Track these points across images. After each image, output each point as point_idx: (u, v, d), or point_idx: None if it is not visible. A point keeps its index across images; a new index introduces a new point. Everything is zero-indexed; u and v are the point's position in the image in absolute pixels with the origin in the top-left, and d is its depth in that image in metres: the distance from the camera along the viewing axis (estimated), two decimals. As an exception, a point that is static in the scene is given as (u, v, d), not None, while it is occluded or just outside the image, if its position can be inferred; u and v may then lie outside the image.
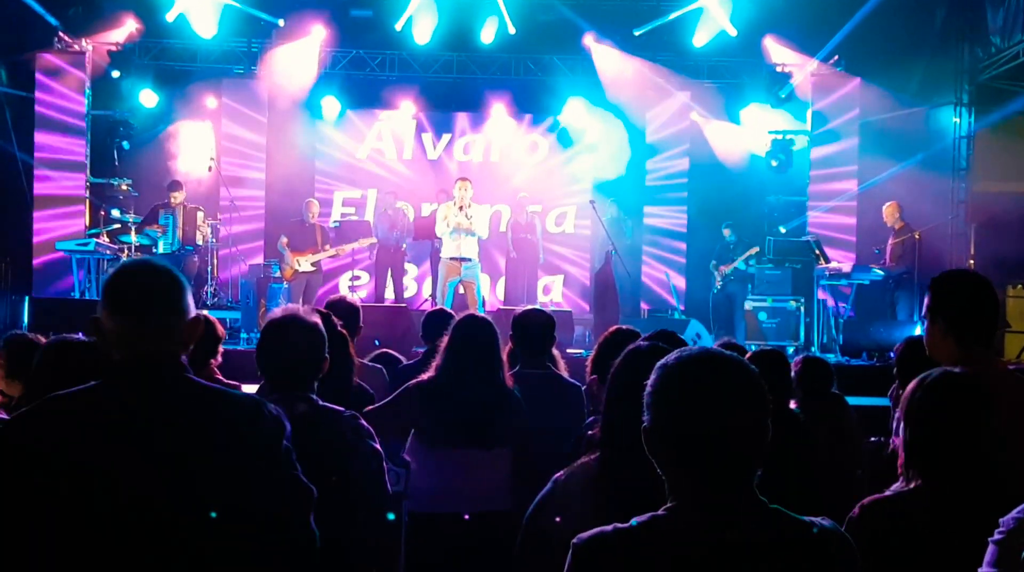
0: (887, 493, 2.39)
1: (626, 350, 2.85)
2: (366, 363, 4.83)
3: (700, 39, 13.31)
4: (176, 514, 1.93)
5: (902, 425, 2.42)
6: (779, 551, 1.66)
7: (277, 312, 3.13)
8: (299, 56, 13.38)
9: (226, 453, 2.03)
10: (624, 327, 4.09)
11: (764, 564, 1.65)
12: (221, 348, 4.40)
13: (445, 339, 3.95)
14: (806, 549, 1.68)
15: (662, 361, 1.74)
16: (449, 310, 5.74)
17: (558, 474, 2.71)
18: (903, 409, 2.42)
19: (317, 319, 3.07)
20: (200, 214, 11.76)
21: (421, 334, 5.35)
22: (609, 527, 1.71)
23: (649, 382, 1.74)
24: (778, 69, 13.15)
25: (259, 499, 2.04)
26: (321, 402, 3.00)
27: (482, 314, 4.11)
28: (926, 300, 3.17)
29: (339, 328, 3.52)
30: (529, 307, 4.70)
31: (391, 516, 3.12)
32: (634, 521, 1.70)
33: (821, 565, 1.69)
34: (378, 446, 3.09)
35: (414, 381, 3.94)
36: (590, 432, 2.82)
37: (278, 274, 11.66)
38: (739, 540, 1.64)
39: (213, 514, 1.96)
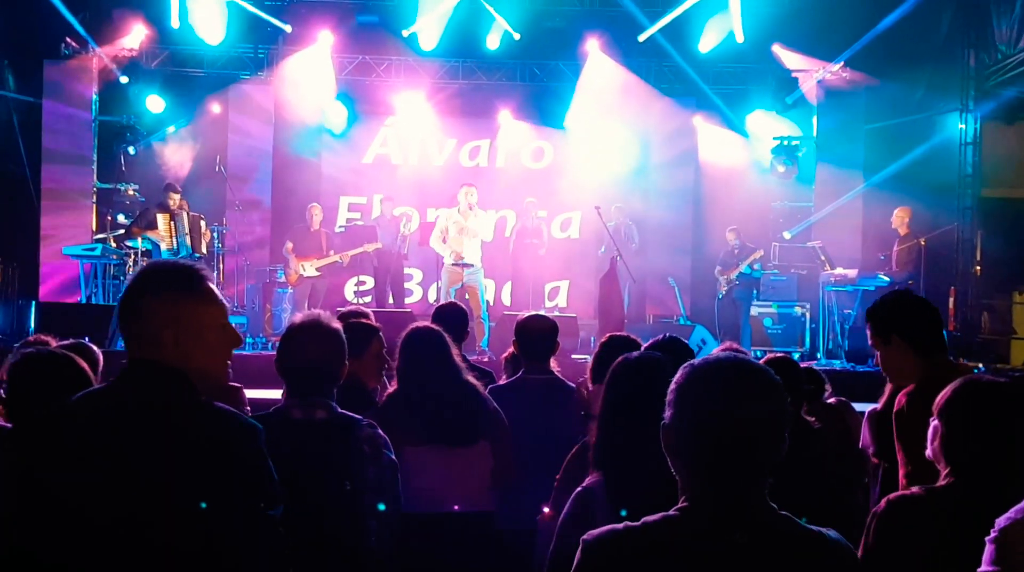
0: (914, 490, 2.43)
1: (615, 363, 2.85)
2: None
3: (706, 45, 13.33)
4: (133, 530, 1.88)
5: (933, 424, 2.48)
6: (785, 558, 1.68)
7: (298, 317, 3.14)
8: (306, 62, 13.44)
9: (190, 479, 1.92)
10: (620, 334, 4.11)
11: (771, 569, 1.67)
12: None
13: (396, 355, 3.98)
14: (812, 558, 1.70)
15: (689, 361, 1.79)
16: (458, 303, 5.74)
17: (580, 488, 2.69)
18: (937, 409, 2.46)
19: (338, 325, 3.08)
20: (203, 223, 11.75)
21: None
22: (620, 525, 1.74)
23: (675, 380, 1.78)
24: (784, 76, 13.18)
25: (222, 530, 1.93)
26: (339, 410, 3.00)
27: (425, 325, 4.12)
28: (870, 329, 3.38)
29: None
30: (531, 313, 4.71)
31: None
32: (645, 520, 1.73)
33: None
34: (393, 456, 3.10)
35: (385, 394, 3.98)
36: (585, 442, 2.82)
37: (283, 279, 11.69)
38: (747, 543, 1.66)
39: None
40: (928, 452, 2.50)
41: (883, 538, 2.34)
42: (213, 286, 2.15)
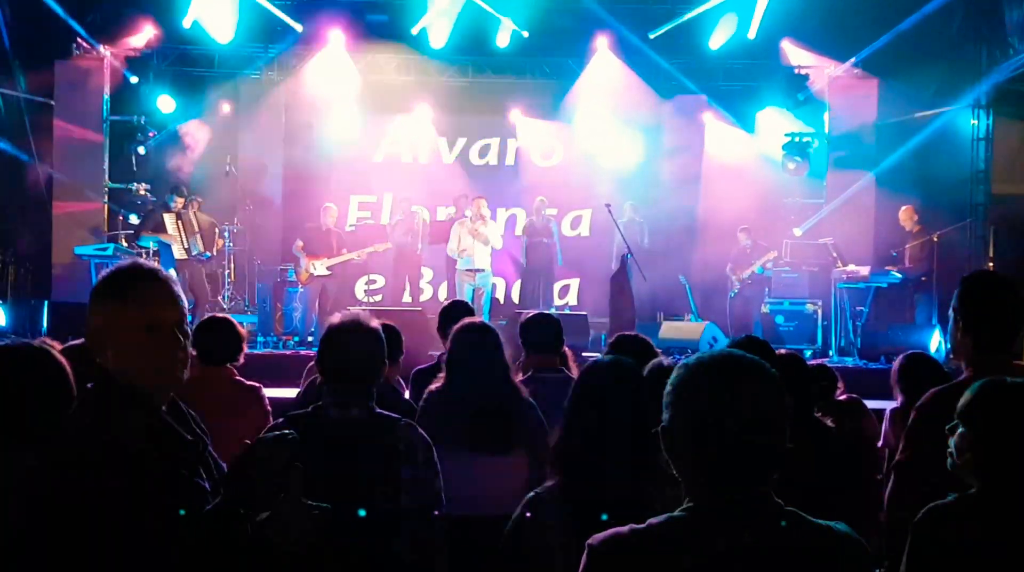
0: (950, 498, 2.38)
1: (585, 365, 2.89)
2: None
3: (716, 42, 13.29)
4: None
5: (959, 431, 2.41)
6: (795, 554, 1.66)
7: (337, 317, 3.15)
8: (320, 62, 13.49)
9: None
10: (629, 333, 4.09)
11: (780, 566, 1.65)
12: (245, 348, 4.47)
13: (447, 347, 3.97)
14: (822, 553, 1.68)
15: (684, 361, 1.76)
16: (466, 301, 5.76)
17: (532, 493, 2.75)
18: (961, 413, 2.40)
19: (377, 325, 3.09)
20: (217, 230, 11.83)
21: (438, 327, 5.31)
22: (625, 528, 1.71)
23: (669, 381, 1.74)
24: (795, 72, 13.16)
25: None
26: (378, 409, 3.00)
27: (480, 320, 4.11)
28: (954, 298, 3.14)
29: None
30: (535, 312, 4.72)
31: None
32: (650, 522, 1.70)
33: (836, 569, 1.69)
34: (433, 456, 3.08)
35: (428, 390, 3.97)
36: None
37: (294, 278, 11.69)
38: (756, 542, 1.64)
39: None
40: (957, 460, 2.44)
41: (918, 546, 2.32)
42: (157, 287, 2.08)
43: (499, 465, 3.79)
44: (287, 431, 2.04)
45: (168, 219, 11.23)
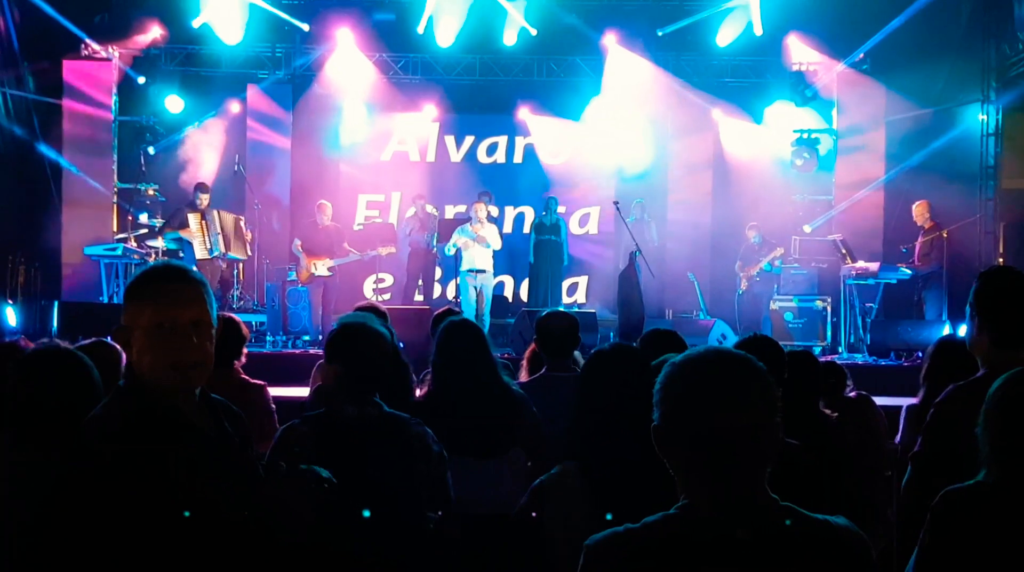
0: (969, 483, 2.33)
1: (591, 353, 2.93)
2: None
3: (724, 39, 13.27)
4: None
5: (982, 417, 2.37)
6: (792, 548, 1.65)
7: (350, 317, 3.17)
8: (325, 62, 13.56)
9: None
10: (662, 329, 4.06)
11: (777, 562, 1.64)
12: (245, 349, 4.47)
13: (432, 348, 3.91)
14: (819, 547, 1.67)
15: (672, 360, 1.74)
16: (456, 310, 5.72)
17: (536, 483, 2.80)
18: (986, 402, 2.38)
19: (380, 321, 3.11)
20: (243, 224, 11.89)
21: (431, 333, 5.27)
22: (621, 527, 1.70)
23: (658, 380, 1.73)
24: (803, 68, 13.12)
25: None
26: (387, 408, 3.01)
27: (464, 319, 4.06)
28: (970, 294, 3.10)
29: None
30: (552, 310, 4.70)
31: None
32: (646, 521, 1.69)
33: (834, 563, 1.68)
34: (443, 452, 3.10)
35: (415, 399, 3.90)
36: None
37: (294, 278, 11.67)
38: (751, 538, 1.63)
39: None
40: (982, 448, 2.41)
41: (937, 528, 2.28)
42: (178, 286, 2.09)
43: (494, 467, 3.75)
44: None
45: (192, 218, 11.30)
